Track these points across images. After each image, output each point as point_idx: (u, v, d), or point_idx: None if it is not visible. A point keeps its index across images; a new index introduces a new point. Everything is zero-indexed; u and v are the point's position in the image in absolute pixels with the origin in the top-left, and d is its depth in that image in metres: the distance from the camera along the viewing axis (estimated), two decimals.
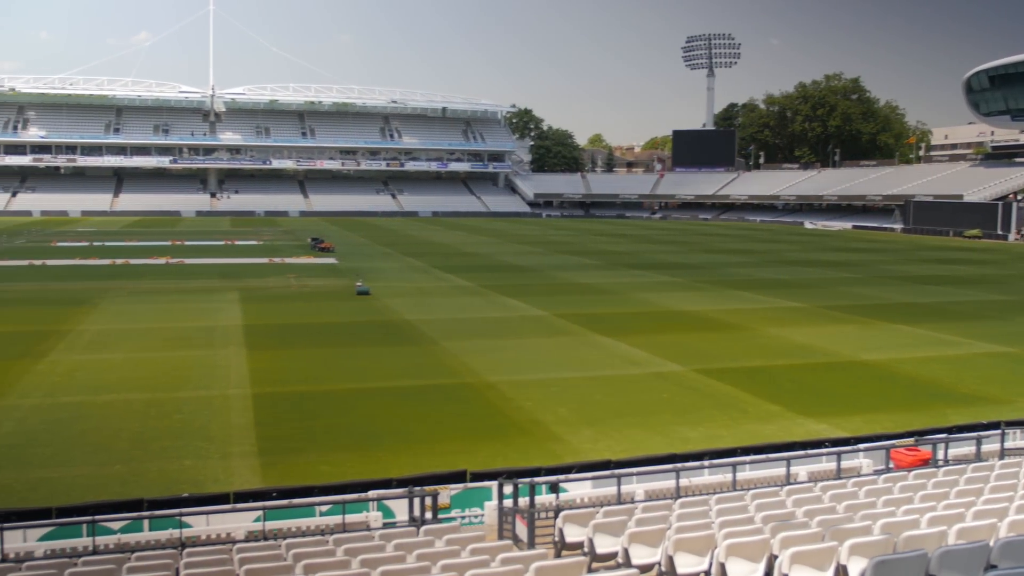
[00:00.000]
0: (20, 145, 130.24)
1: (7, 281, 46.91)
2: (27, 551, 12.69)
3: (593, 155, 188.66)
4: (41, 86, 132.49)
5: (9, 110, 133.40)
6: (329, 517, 13.77)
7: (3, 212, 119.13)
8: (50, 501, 14.74)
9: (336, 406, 22.47)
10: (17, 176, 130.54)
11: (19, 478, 17.03)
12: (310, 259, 60.30)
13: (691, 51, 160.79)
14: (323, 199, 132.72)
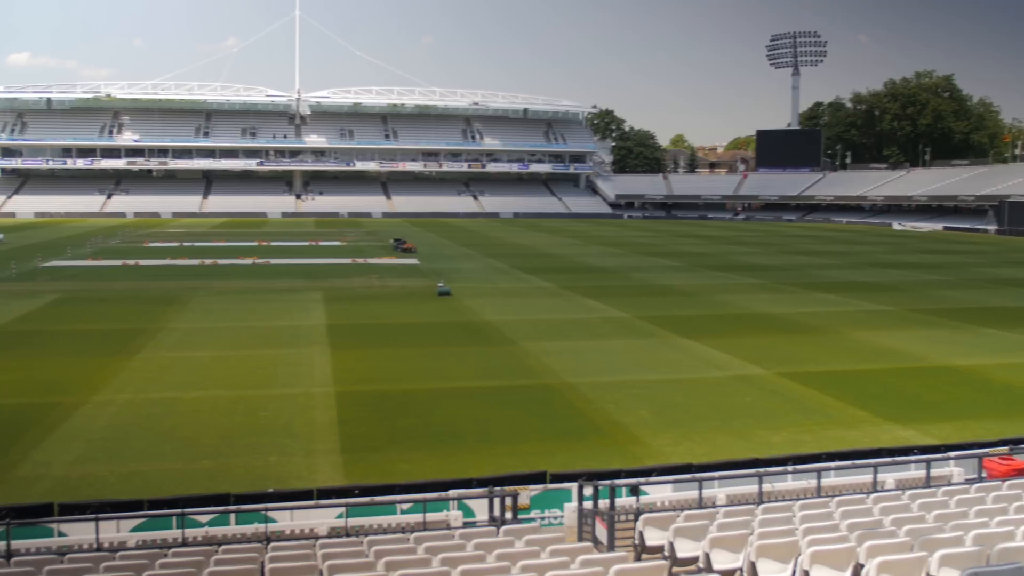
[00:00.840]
0: (115, 149, 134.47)
1: (102, 280, 48.47)
2: (120, 541, 13.09)
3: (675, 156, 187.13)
4: (135, 92, 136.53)
5: (105, 115, 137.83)
6: (410, 515, 13.89)
7: (99, 213, 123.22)
8: (142, 494, 15.18)
9: (417, 405, 22.68)
10: (112, 179, 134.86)
11: (113, 471, 17.58)
12: (392, 260, 60.98)
13: (776, 49, 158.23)
14: (405, 200, 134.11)
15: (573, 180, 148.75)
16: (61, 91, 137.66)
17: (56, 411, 21.71)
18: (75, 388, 23.95)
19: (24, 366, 27.04)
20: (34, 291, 43.32)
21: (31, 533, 13.33)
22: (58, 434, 19.95)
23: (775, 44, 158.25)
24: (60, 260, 59.04)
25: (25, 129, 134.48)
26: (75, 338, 31.55)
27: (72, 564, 10.54)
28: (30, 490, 16.28)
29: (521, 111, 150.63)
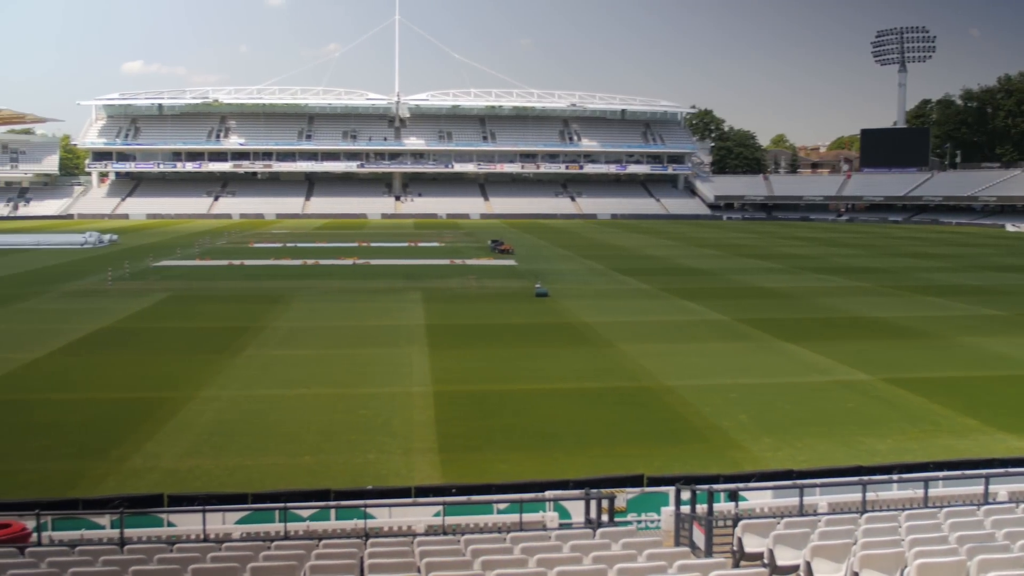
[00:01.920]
0: (222, 152, 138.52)
1: (209, 280, 49.99)
2: (225, 533, 13.47)
3: (776, 156, 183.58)
4: (241, 97, 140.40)
5: (212, 120, 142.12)
6: (506, 515, 13.94)
7: (206, 215, 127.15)
8: (246, 487, 15.61)
9: (514, 406, 22.76)
10: (219, 181, 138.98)
11: (218, 464, 18.10)
12: (490, 261, 61.35)
13: (881, 45, 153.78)
14: (503, 202, 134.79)
15: (671, 181, 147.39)
16: (172, 97, 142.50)
17: (166, 406, 22.48)
18: (184, 384, 24.75)
19: (136, 362, 28.06)
20: (145, 290, 44.91)
21: (143, 522, 13.84)
22: (168, 428, 20.65)
23: (881, 40, 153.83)
24: (170, 260, 61.10)
25: (138, 134, 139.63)
26: (184, 335, 32.59)
27: (181, 553, 10.88)
28: (141, 481, 16.88)
29: (619, 112, 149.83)
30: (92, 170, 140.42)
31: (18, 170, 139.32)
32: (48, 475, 17.45)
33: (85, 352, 29.61)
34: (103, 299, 41.85)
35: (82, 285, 47.21)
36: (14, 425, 21.05)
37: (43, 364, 27.66)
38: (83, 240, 74.99)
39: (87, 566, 10.11)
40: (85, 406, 22.70)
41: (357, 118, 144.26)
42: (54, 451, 19.08)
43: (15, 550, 11.29)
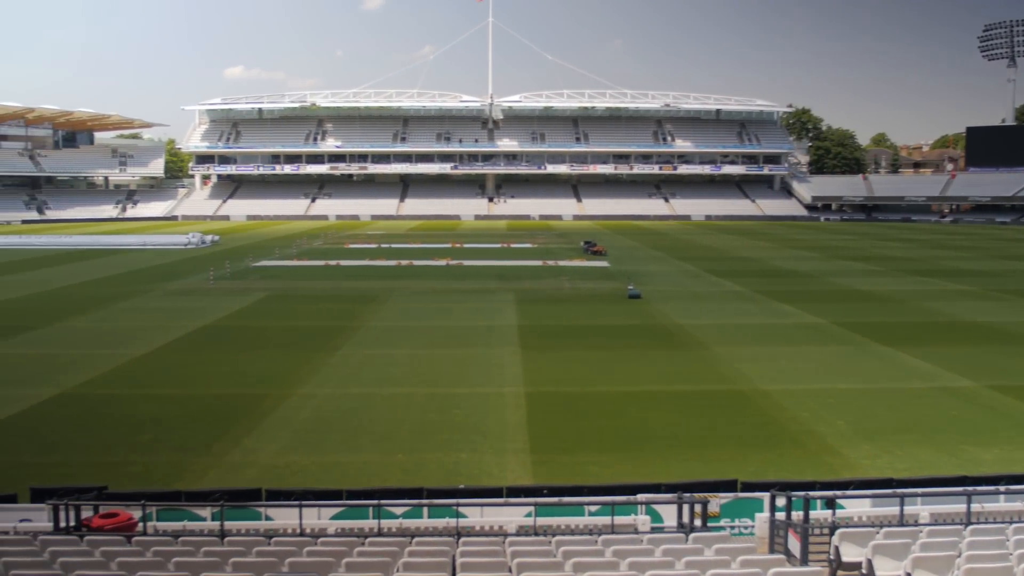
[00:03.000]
0: (319, 155, 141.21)
1: (307, 280, 51.04)
2: (321, 528, 13.74)
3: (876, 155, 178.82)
4: (337, 100, 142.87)
5: (310, 123, 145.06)
6: (598, 517, 13.89)
7: (303, 216, 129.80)
8: (341, 483, 15.90)
9: (606, 408, 22.68)
10: (316, 183, 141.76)
11: (315, 461, 18.47)
12: (582, 262, 61.21)
13: (989, 40, 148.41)
14: (595, 203, 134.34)
15: (767, 182, 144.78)
16: (271, 101, 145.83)
17: (264, 402, 23.04)
18: (282, 381, 25.33)
19: (236, 359, 28.84)
20: (245, 289, 46.07)
21: (242, 515, 14.20)
22: (266, 424, 21.17)
23: (989, 34, 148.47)
24: (268, 260, 62.57)
25: (239, 138, 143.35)
26: (282, 334, 33.33)
27: (278, 547, 11.14)
28: (240, 475, 17.34)
29: (713, 112, 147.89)
30: (195, 173, 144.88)
31: (126, 173, 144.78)
32: (153, 467, 18.06)
33: (188, 349, 30.54)
34: (205, 298, 43.10)
35: (185, 284, 48.71)
36: (122, 419, 21.83)
37: (149, 360, 28.64)
38: (186, 241, 77.34)
39: (189, 556, 10.41)
40: (188, 401, 23.40)
41: (451, 120, 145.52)
42: (159, 444, 19.73)
43: (123, 538, 11.71)
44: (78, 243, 79.10)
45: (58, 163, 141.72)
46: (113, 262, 61.75)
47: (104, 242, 79.46)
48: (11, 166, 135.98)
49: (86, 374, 26.43)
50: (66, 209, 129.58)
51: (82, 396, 23.99)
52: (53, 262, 61.63)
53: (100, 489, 15.08)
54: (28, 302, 41.94)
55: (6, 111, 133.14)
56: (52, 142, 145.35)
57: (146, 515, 13.73)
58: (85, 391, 24.52)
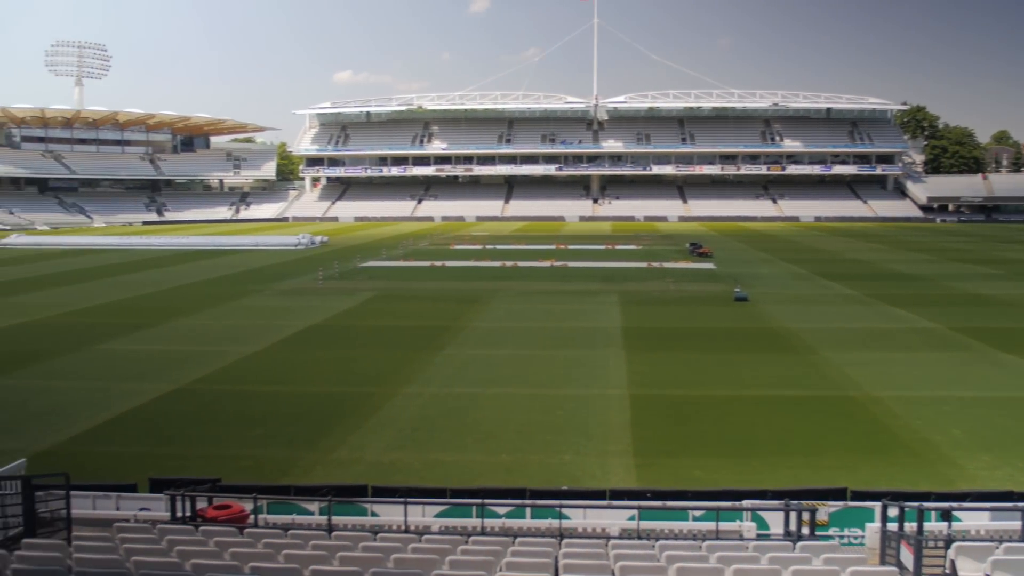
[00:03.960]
0: (425, 157, 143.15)
1: (413, 280, 51.75)
2: (425, 525, 13.90)
3: (997, 154, 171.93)
4: (443, 103, 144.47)
5: (417, 126, 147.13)
6: (702, 523, 13.71)
7: (409, 217, 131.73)
8: (445, 482, 16.06)
9: (711, 412, 22.37)
10: (422, 185, 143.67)
11: (419, 459, 18.71)
12: (688, 264, 60.53)
13: None
14: (701, 204, 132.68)
15: (879, 182, 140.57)
16: (379, 105, 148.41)
17: (371, 400, 23.44)
18: (388, 380, 25.75)
19: (344, 358, 29.43)
20: (353, 289, 46.98)
21: (348, 511, 14.49)
22: (372, 422, 21.54)
23: None
24: (376, 261, 63.66)
25: (347, 141, 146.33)
26: (388, 333, 33.87)
27: (383, 543, 11.31)
28: (347, 472, 17.67)
29: (823, 111, 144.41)
30: (305, 175, 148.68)
31: (240, 176, 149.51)
32: (263, 462, 18.56)
33: (297, 347, 31.29)
34: (314, 297, 44.10)
35: (295, 284, 49.93)
36: (234, 414, 22.51)
37: (260, 357, 29.46)
38: (297, 241, 79.25)
39: (298, 549, 10.65)
40: (297, 398, 23.97)
41: (555, 122, 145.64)
42: (269, 439, 20.28)
43: (235, 530, 12.06)
44: (194, 243, 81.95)
45: (176, 167, 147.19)
46: (227, 262, 63.78)
47: (218, 243, 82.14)
48: (133, 170, 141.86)
49: (201, 370, 27.34)
50: (183, 211, 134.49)
51: (197, 391, 24.82)
52: (171, 262, 64.00)
53: (214, 481, 15.58)
54: (147, 300, 43.62)
55: (129, 117, 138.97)
56: (171, 147, 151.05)
57: (257, 508, 14.12)
58: (200, 387, 25.36)
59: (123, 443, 20.26)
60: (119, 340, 32.66)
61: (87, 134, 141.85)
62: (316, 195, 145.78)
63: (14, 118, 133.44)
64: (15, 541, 11.43)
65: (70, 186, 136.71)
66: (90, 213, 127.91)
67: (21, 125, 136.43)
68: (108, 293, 46.13)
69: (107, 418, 22.09)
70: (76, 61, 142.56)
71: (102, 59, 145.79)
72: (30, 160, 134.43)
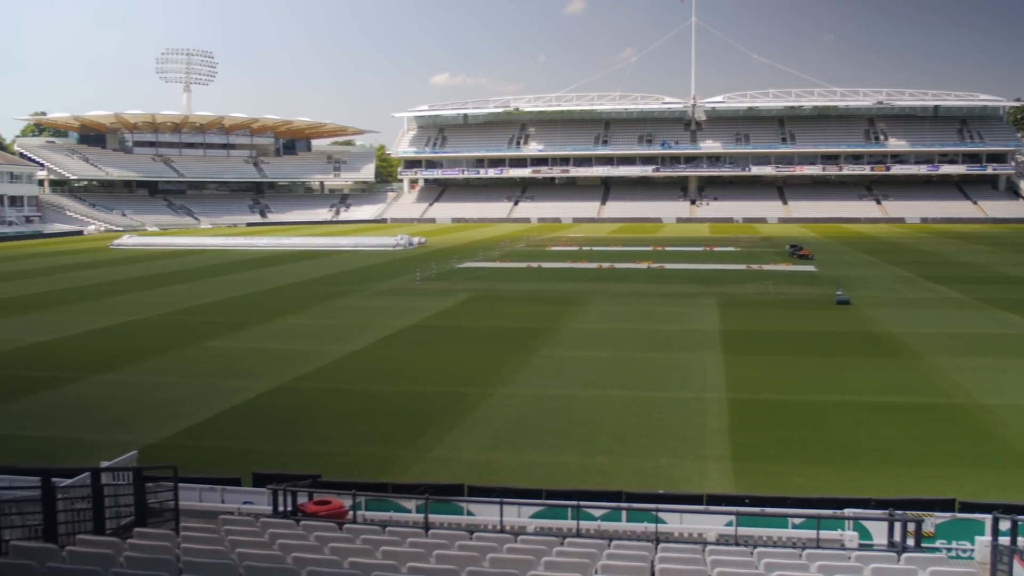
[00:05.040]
0: (522, 159, 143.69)
1: (509, 281, 51.98)
2: (520, 526, 13.95)
3: None
4: (540, 105, 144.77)
5: (513, 127, 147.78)
6: (802, 531, 13.45)
7: (506, 219, 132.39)
8: (540, 483, 16.08)
9: (812, 417, 21.90)
10: (519, 187, 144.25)
11: (515, 459, 18.77)
12: (788, 266, 59.38)
13: None
14: (802, 205, 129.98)
15: (991, 182, 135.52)
16: (475, 107, 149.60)
17: (467, 400, 23.63)
18: (483, 380, 25.91)
19: (441, 358, 29.72)
20: (450, 290, 47.43)
21: (444, 509, 14.63)
22: (468, 421, 21.70)
23: None
24: (472, 262, 64.13)
25: (445, 143, 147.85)
26: (484, 334, 34.09)
27: (479, 542, 11.39)
28: (443, 471, 17.84)
29: (930, 108, 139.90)
30: (404, 177, 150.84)
31: (340, 178, 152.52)
32: (362, 459, 18.87)
33: (395, 347, 31.74)
34: (412, 298, 44.68)
35: (394, 284, 50.65)
36: (335, 412, 22.96)
37: (359, 356, 29.98)
38: (395, 242, 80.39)
39: (395, 546, 10.80)
40: (395, 397, 24.32)
41: (653, 122, 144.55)
42: (368, 437, 20.61)
43: (334, 525, 12.30)
44: (295, 244, 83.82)
45: (279, 169, 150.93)
46: (327, 263, 65.09)
47: (319, 244, 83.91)
48: (238, 173, 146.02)
49: (302, 368, 27.95)
50: (285, 212, 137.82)
51: (298, 389, 25.38)
52: (273, 263, 65.64)
53: (314, 477, 15.92)
54: (251, 299, 44.81)
55: (234, 122, 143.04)
56: (274, 150, 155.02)
57: (356, 504, 14.37)
58: (301, 384, 25.93)
59: (228, 438, 20.86)
60: (224, 338, 33.63)
61: (194, 138, 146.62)
62: (414, 197, 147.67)
63: (127, 124, 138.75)
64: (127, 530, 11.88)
65: (178, 188, 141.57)
66: (197, 215, 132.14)
67: (133, 130, 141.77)
68: (214, 292, 47.56)
69: (212, 413, 22.77)
70: (185, 68, 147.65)
71: (209, 65, 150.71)
72: (141, 164, 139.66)
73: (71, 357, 30.39)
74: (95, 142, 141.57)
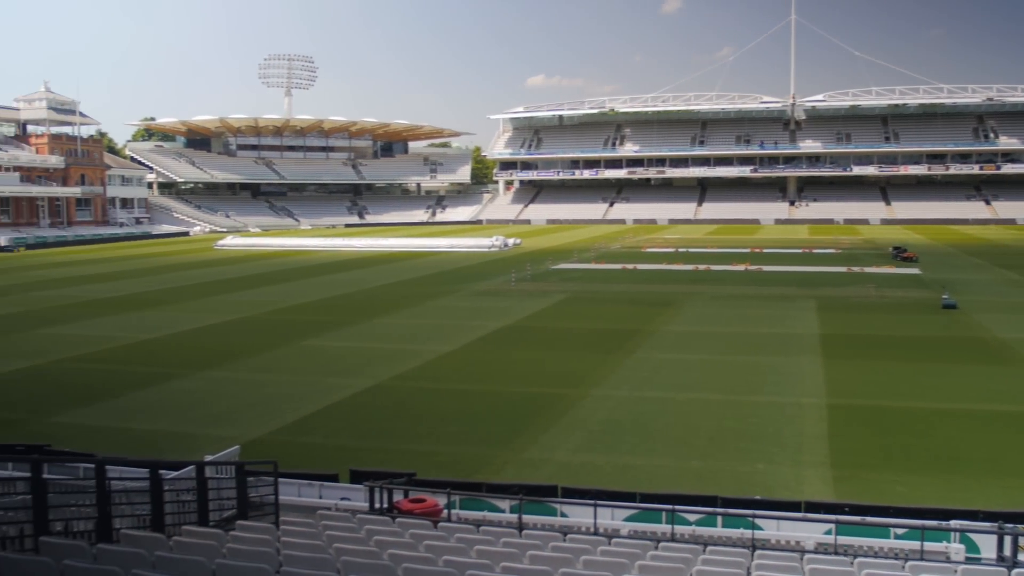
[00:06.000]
0: (617, 160, 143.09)
1: (604, 283, 51.82)
2: (614, 528, 13.89)
3: None
4: (635, 105, 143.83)
5: (608, 128, 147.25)
6: (904, 542, 13.07)
7: (601, 220, 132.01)
8: (634, 486, 15.97)
9: (916, 424, 21.28)
10: (614, 188, 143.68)
11: (609, 461, 18.70)
12: (891, 269, 57.76)
13: None
14: (906, 206, 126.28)
15: None
16: (571, 108, 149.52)
17: (561, 402, 23.63)
18: (578, 381, 25.88)
19: (535, 359, 29.78)
20: (545, 291, 47.49)
21: (538, 510, 14.66)
22: (562, 423, 21.70)
23: None
24: (567, 263, 64.11)
25: (540, 144, 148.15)
26: (579, 335, 34.03)
27: (573, 544, 11.37)
28: (537, 471, 17.88)
29: None
30: (499, 179, 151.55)
31: (436, 180, 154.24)
32: (456, 458, 19.04)
33: (490, 347, 31.94)
34: (507, 299, 44.88)
35: (489, 285, 50.97)
36: (431, 411, 23.21)
37: (455, 356, 30.25)
38: (490, 244, 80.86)
39: (489, 545, 10.86)
40: (489, 397, 24.46)
41: (750, 122, 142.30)
42: (463, 437, 20.79)
43: (429, 523, 12.44)
44: (392, 246, 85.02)
45: (376, 171, 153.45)
46: (423, 263, 65.89)
47: (415, 245, 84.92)
48: (337, 175, 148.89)
49: (398, 367, 28.35)
50: (382, 214, 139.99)
51: (394, 388, 25.75)
52: (371, 263, 66.74)
53: (409, 475, 16.12)
54: (349, 299, 45.65)
55: (333, 125, 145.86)
56: (371, 152, 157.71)
57: (450, 503, 14.51)
58: (397, 383, 26.29)
59: (326, 435, 21.28)
60: (323, 337, 34.32)
61: (295, 141, 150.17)
62: (509, 198, 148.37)
63: (231, 128, 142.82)
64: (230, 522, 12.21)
65: (279, 190, 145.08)
66: (297, 216, 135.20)
67: (237, 134, 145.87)
68: (313, 292, 48.58)
69: (311, 411, 23.25)
70: (286, 73, 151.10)
71: (309, 70, 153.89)
72: (244, 167, 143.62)
73: (177, 354, 31.41)
74: (201, 146, 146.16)
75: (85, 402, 24.42)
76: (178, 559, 8.35)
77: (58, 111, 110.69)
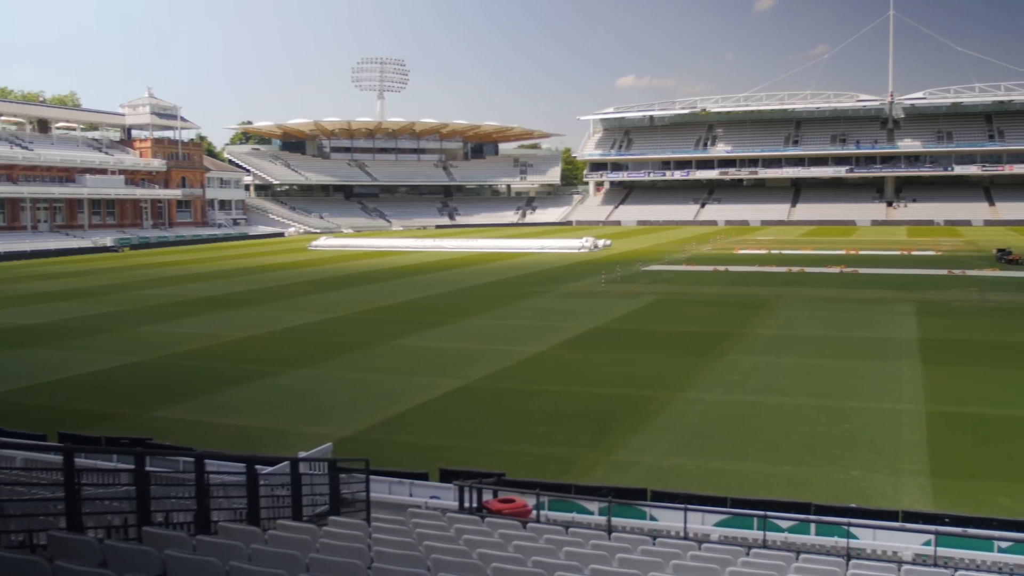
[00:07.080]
0: (708, 160, 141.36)
1: (695, 284, 51.28)
2: (704, 533, 13.72)
3: None
4: (727, 105, 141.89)
5: (700, 129, 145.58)
6: (1009, 555, 12.60)
7: (692, 221, 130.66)
8: (725, 491, 15.75)
9: (1021, 434, 20.51)
10: (705, 189, 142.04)
11: (699, 465, 18.49)
12: (995, 272, 55.81)
13: None
14: (1012, 207, 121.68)
15: None
16: (661, 108, 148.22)
17: (651, 404, 23.46)
18: (668, 384, 25.66)
19: (625, 360, 29.61)
20: (635, 292, 47.22)
21: (627, 513, 14.58)
22: (652, 426, 21.54)
23: None
24: (658, 265, 63.63)
25: (630, 145, 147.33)
26: (669, 338, 33.74)
27: (662, 548, 11.28)
28: (626, 474, 17.77)
29: None
30: (589, 180, 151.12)
31: (526, 181, 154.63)
32: (545, 459, 19.04)
33: (580, 348, 31.87)
34: (597, 300, 44.75)
35: (579, 286, 50.90)
36: (520, 411, 23.27)
37: (545, 357, 30.28)
38: (580, 245, 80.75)
39: (578, 547, 10.84)
40: (579, 398, 24.41)
41: (846, 121, 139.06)
42: (552, 438, 20.78)
43: (518, 523, 12.47)
44: (482, 247, 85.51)
45: (467, 173, 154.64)
46: (514, 264, 66.12)
47: (505, 246, 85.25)
48: (428, 176, 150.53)
49: (488, 368, 28.50)
50: (473, 215, 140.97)
51: (484, 388, 25.90)
52: (461, 264, 67.27)
53: (499, 475, 16.19)
54: (439, 300, 46.09)
55: (424, 127, 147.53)
56: (462, 154, 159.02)
57: (539, 504, 14.52)
58: (487, 383, 26.44)
59: (416, 433, 21.50)
60: (414, 336, 34.71)
61: (387, 144, 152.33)
62: (599, 199, 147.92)
63: (325, 131, 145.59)
64: (322, 518, 12.44)
65: (371, 192, 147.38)
66: (389, 217, 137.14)
67: (330, 137, 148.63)
68: (404, 292, 49.18)
69: (402, 409, 23.54)
70: (378, 76, 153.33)
71: (401, 73, 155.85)
72: (338, 169, 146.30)
73: (272, 352, 32.13)
74: (295, 148, 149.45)
75: (183, 398, 25.18)
76: (273, 552, 8.53)
77: (160, 116, 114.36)
